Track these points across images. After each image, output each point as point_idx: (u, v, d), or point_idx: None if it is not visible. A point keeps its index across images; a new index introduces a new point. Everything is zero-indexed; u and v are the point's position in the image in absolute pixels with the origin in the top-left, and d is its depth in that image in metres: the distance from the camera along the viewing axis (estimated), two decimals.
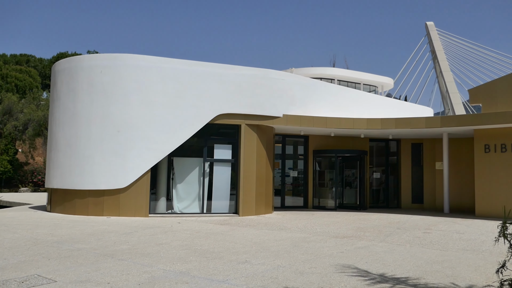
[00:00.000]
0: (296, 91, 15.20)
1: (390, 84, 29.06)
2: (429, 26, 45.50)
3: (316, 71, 25.90)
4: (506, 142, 14.37)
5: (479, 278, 6.01)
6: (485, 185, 14.69)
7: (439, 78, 43.92)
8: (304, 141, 17.73)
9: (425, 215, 15.10)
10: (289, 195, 18.13)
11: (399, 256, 7.53)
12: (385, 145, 19.01)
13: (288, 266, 6.51)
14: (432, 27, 45.34)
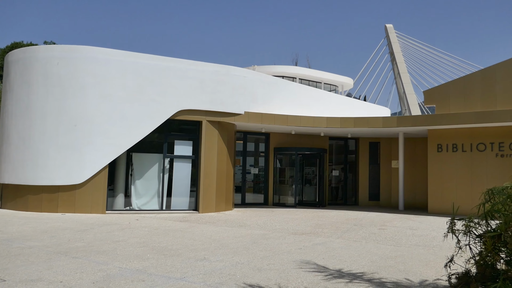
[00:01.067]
0: (258, 88, 15.26)
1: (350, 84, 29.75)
2: (388, 28, 46.74)
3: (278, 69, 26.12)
4: (457, 142, 15.01)
5: (430, 272, 6.25)
6: (437, 183, 15.29)
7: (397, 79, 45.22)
8: (265, 139, 17.83)
9: (381, 212, 15.55)
10: (249, 192, 18.20)
11: (355, 252, 7.72)
12: (344, 144, 19.42)
13: (246, 263, 6.54)
14: (391, 29, 46.60)
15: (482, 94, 14.69)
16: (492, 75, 14.66)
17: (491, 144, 14.42)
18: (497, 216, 4.90)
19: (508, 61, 14.48)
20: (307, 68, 28.76)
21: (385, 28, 47.10)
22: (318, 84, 26.75)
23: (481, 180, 14.09)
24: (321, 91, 19.25)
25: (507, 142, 14.15)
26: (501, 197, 4.82)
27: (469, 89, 14.98)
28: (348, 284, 5.48)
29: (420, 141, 17.70)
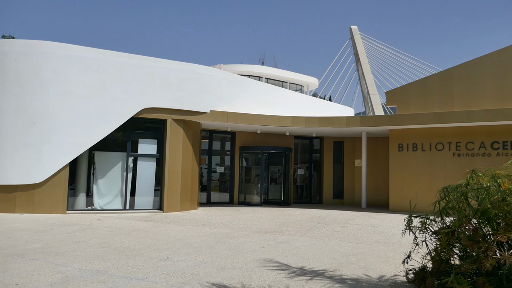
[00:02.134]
0: (224, 87, 15.23)
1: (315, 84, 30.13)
2: (353, 30, 47.61)
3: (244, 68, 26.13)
4: (417, 142, 15.49)
5: (389, 268, 6.43)
6: (398, 181, 15.73)
7: (361, 80, 46.15)
8: (231, 137, 17.82)
9: (344, 210, 15.84)
10: (215, 191, 18.15)
11: (318, 249, 7.84)
12: (309, 143, 19.66)
13: (210, 262, 6.52)
14: (356, 31, 47.50)
15: (440, 96, 15.21)
16: (449, 78, 15.20)
17: (448, 144, 14.96)
18: (452, 213, 5.10)
19: (464, 64, 15.05)
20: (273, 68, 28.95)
21: (350, 29, 47.98)
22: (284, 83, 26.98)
23: (439, 178, 14.60)
24: (287, 90, 19.40)
25: (463, 142, 14.72)
26: (455, 194, 5.01)
27: (428, 91, 15.48)
28: (310, 281, 5.56)
29: (382, 140, 18.14)
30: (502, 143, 14.14)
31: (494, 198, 4.67)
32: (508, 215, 4.47)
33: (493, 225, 4.61)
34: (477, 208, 4.71)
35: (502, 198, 4.62)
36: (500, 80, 14.35)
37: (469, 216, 4.80)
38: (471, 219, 4.82)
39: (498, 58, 14.50)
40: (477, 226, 4.77)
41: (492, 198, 4.67)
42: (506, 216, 4.49)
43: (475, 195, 4.87)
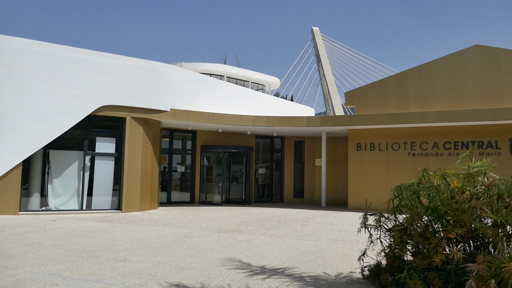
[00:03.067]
0: (185, 85, 15.09)
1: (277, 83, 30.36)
2: (314, 31, 48.28)
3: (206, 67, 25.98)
4: (374, 142, 15.92)
5: (346, 265, 6.58)
6: (356, 180, 16.11)
7: (322, 80, 46.87)
8: (192, 136, 17.68)
9: (304, 209, 16.06)
10: (176, 190, 17.96)
11: (278, 248, 7.91)
12: (271, 142, 19.79)
13: (168, 262, 6.45)
14: (317, 32, 48.19)
15: (397, 97, 15.71)
16: (405, 79, 15.72)
17: (404, 144, 15.47)
18: (405, 211, 5.28)
19: (419, 67, 15.60)
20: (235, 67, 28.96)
21: (312, 30, 48.63)
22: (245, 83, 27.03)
23: (396, 177, 15.07)
24: (248, 90, 19.45)
25: (418, 142, 15.26)
26: (407, 193, 5.20)
27: (385, 92, 15.94)
28: (268, 280, 5.61)
29: (342, 140, 18.52)
30: (453, 143, 14.77)
31: (444, 196, 4.88)
32: (456, 212, 4.68)
33: (442, 222, 4.81)
34: (428, 206, 4.90)
35: (451, 196, 4.83)
36: (452, 83, 14.97)
37: (421, 214, 4.99)
38: (422, 217, 5.01)
39: (450, 62, 15.12)
40: (428, 223, 4.97)
41: (442, 196, 4.87)
42: (455, 213, 4.70)
43: (426, 194, 5.07)
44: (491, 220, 4.41)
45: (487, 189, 4.70)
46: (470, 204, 4.62)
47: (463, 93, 14.80)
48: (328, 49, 47.16)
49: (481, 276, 3.85)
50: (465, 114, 13.81)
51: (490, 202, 4.55)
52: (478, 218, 4.55)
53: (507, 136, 14.09)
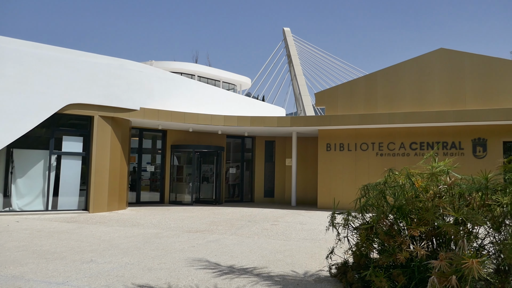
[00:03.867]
0: (155, 84, 14.91)
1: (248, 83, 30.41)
2: (286, 32, 48.54)
3: (177, 66, 25.75)
4: (344, 142, 16.17)
5: (314, 264, 6.66)
6: (326, 179, 16.31)
7: (293, 81, 47.17)
8: (162, 136, 17.49)
9: (274, 208, 16.14)
10: (145, 190, 17.72)
11: (247, 247, 7.93)
12: (241, 142, 19.80)
13: (136, 263, 6.37)
14: (288, 32, 48.47)
15: (365, 98, 16.00)
16: (374, 81, 16.03)
17: (372, 144, 15.78)
18: (371, 210, 5.39)
19: (387, 69, 15.95)
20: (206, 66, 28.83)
21: (283, 31, 48.88)
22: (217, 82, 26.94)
23: (364, 176, 15.35)
24: (219, 89, 19.40)
25: (385, 142, 15.59)
26: (374, 192, 5.31)
27: (354, 93, 16.21)
28: (237, 279, 5.62)
29: (312, 140, 18.71)
30: (419, 143, 15.17)
31: (409, 195, 5.01)
32: (420, 210, 4.81)
33: (407, 220, 4.94)
34: (393, 205, 5.02)
35: (415, 195, 4.97)
36: (418, 85, 15.38)
37: (386, 212, 5.11)
38: (388, 215, 5.13)
39: (416, 64, 15.53)
40: (393, 222, 5.09)
41: (407, 195, 5.01)
42: (419, 211, 4.83)
43: (392, 193, 5.20)
44: (453, 218, 4.56)
45: (449, 188, 4.85)
46: (433, 202, 4.76)
47: (428, 95, 15.22)
48: (299, 50, 47.53)
49: (443, 273, 3.97)
50: (430, 115, 14.21)
51: (452, 201, 4.71)
52: (441, 216, 4.69)
53: (470, 137, 14.58)
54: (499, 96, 14.36)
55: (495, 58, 14.72)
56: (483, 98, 14.55)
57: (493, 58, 14.73)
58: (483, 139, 14.43)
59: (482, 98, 14.55)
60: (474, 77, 14.74)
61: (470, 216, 4.36)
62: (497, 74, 14.49)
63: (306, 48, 46.95)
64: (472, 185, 4.73)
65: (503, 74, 14.41)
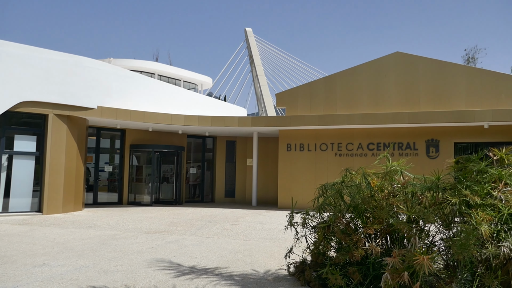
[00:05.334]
0: (113, 82, 14.57)
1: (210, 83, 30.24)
2: (248, 32, 48.62)
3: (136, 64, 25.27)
4: (304, 142, 16.39)
5: (273, 263, 6.72)
6: (286, 179, 16.48)
7: (255, 81, 47.30)
8: (121, 135, 17.11)
9: (235, 208, 16.14)
10: (103, 191, 17.28)
11: (207, 248, 7.90)
12: (202, 142, 19.68)
13: (92, 266, 6.20)
14: (250, 33, 48.57)
15: (325, 99, 16.29)
16: (333, 83, 16.35)
17: (331, 145, 16.08)
18: (329, 209, 5.50)
19: (345, 71, 16.30)
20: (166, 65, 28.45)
21: (245, 31, 48.95)
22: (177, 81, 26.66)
23: (323, 176, 15.61)
24: (180, 88, 19.19)
25: (344, 142, 15.93)
26: (331, 191, 5.42)
27: (314, 94, 16.47)
28: (197, 280, 5.59)
29: (272, 140, 18.85)
30: (376, 144, 15.60)
31: (365, 194, 5.15)
32: (375, 209, 4.95)
33: (363, 219, 5.08)
34: (350, 204, 5.14)
35: (371, 194, 5.11)
36: (375, 87, 15.81)
37: (343, 211, 5.23)
38: (344, 214, 5.25)
39: (373, 67, 15.96)
40: (349, 220, 5.22)
41: (363, 194, 5.14)
42: (374, 210, 4.97)
43: (349, 192, 5.32)
44: (406, 216, 4.72)
45: (403, 187, 5.01)
46: (388, 201, 4.91)
47: (385, 97, 15.68)
48: (261, 50, 47.71)
49: (396, 269, 4.10)
50: (387, 117, 14.65)
51: (406, 200, 4.87)
52: (395, 215, 4.85)
53: (424, 138, 15.14)
54: (451, 99, 14.98)
55: (447, 62, 15.35)
56: (436, 100, 15.14)
57: (445, 62, 15.37)
58: (436, 140, 15.02)
59: (435, 101, 15.14)
60: (427, 80, 15.32)
61: (422, 214, 4.53)
62: (449, 77, 15.11)
63: (268, 49, 47.20)
64: (424, 185, 4.92)
65: (455, 78, 15.05)
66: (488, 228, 4.07)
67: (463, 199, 4.42)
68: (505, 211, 4.21)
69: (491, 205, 4.33)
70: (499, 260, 4.14)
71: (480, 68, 15.65)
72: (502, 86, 14.55)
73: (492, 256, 4.08)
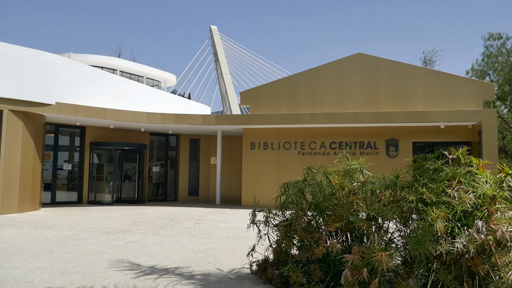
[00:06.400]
0: (73, 78, 14.14)
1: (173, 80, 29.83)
2: (213, 30, 48.33)
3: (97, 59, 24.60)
4: (267, 141, 16.46)
5: (236, 262, 6.71)
6: (250, 178, 16.51)
7: (220, 79, 47.08)
8: (81, 132, 16.63)
9: (198, 207, 16.02)
10: (62, 189, 16.73)
11: (169, 247, 7.80)
12: (165, 140, 19.42)
13: (48, 268, 6.00)
14: (215, 31, 48.31)
15: (288, 98, 16.42)
16: (296, 82, 16.50)
17: (294, 143, 16.24)
18: (291, 207, 5.54)
19: (309, 71, 16.49)
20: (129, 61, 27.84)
21: (210, 29, 48.64)
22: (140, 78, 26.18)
23: (287, 175, 15.73)
24: (143, 85, 18.85)
25: (307, 141, 16.12)
26: (294, 190, 5.46)
27: (278, 93, 16.57)
28: (158, 280, 5.51)
29: (237, 139, 18.84)
30: (338, 143, 15.88)
31: (326, 192, 5.22)
32: (336, 207, 5.03)
33: (324, 217, 5.15)
34: (311, 202, 5.20)
35: (332, 192, 5.19)
36: (338, 87, 16.08)
37: (305, 210, 5.29)
38: (306, 212, 5.31)
39: (336, 67, 16.22)
40: (311, 218, 5.28)
41: (324, 193, 5.21)
42: (335, 208, 5.05)
43: (310, 190, 5.39)
44: (366, 214, 4.82)
45: (362, 186, 5.12)
46: (348, 199, 5.01)
47: (347, 97, 15.97)
48: (226, 49, 47.54)
49: (355, 266, 4.18)
50: (349, 116, 14.93)
51: (365, 197, 4.98)
52: (355, 212, 4.94)
53: (384, 137, 15.53)
54: (410, 100, 15.44)
55: (406, 64, 15.81)
56: (395, 101, 15.56)
57: (404, 64, 15.82)
58: (395, 140, 15.44)
59: (395, 101, 15.56)
60: (388, 81, 15.72)
61: (381, 212, 4.64)
62: (408, 79, 15.56)
63: (233, 47, 47.09)
64: (383, 183, 5.04)
65: (413, 79, 15.52)
66: (442, 224, 4.22)
67: (420, 197, 4.57)
68: (459, 208, 4.38)
69: (446, 203, 4.49)
70: (453, 256, 4.30)
71: (437, 71, 16.19)
72: (458, 88, 15.12)
73: (446, 252, 4.23)
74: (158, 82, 28.48)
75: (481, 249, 4.23)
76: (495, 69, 24.13)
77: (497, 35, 24.06)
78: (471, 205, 4.42)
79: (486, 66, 24.60)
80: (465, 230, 4.39)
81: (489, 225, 4.24)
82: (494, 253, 4.16)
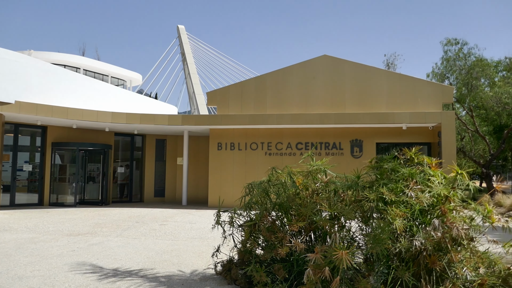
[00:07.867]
0: (33, 76, 13.72)
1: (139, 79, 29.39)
2: (180, 29, 47.89)
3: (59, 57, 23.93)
4: (234, 141, 16.47)
5: (201, 263, 6.68)
6: (216, 178, 16.46)
7: (187, 79, 46.71)
8: (42, 132, 16.12)
9: (165, 208, 15.83)
10: (23, 191, 16.16)
11: (133, 249, 7.68)
12: (131, 140, 19.10)
13: (5, 272, 5.79)
14: (183, 30, 47.89)
15: (255, 99, 16.48)
16: (263, 83, 16.58)
17: (262, 144, 16.31)
18: (255, 207, 5.57)
19: (276, 72, 16.61)
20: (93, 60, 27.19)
21: (178, 28, 48.17)
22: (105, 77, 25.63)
23: (253, 175, 15.75)
24: (108, 84, 18.49)
25: (274, 142, 16.23)
26: (258, 190, 5.49)
27: (245, 94, 16.61)
28: (120, 282, 5.42)
29: (203, 139, 18.75)
30: (304, 143, 16.07)
31: (290, 192, 5.28)
32: (300, 207, 5.09)
33: (288, 217, 5.20)
34: (275, 202, 5.25)
35: (296, 192, 5.25)
36: (304, 88, 16.27)
37: (269, 209, 5.32)
38: (271, 212, 5.35)
39: (302, 68, 16.41)
40: (275, 218, 5.32)
41: (288, 193, 5.26)
42: (299, 208, 5.11)
43: (275, 190, 5.43)
44: (328, 213, 4.90)
45: (325, 186, 5.21)
46: (312, 199, 5.08)
47: (313, 98, 16.18)
48: (194, 48, 47.22)
49: (318, 265, 4.25)
50: (314, 117, 15.13)
51: (328, 197, 5.07)
52: (318, 212, 5.02)
53: (349, 138, 15.82)
54: (373, 101, 15.80)
55: (370, 67, 16.17)
56: (360, 102, 15.88)
57: (369, 66, 16.17)
58: (360, 140, 15.76)
59: (359, 103, 15.88)
60: (352, 83, 16.03)
61: (343, 211, 4.73)
62: (372, 81, 15.93)
63: (201, 47, 46.82)
64: (345, 183, 5.14)
65: (377, 81, 15.89)
66: (401, 223, 4.35)
67: (380, 196, 4.69)
68: (416, 207, 4.52)
69: (405, 202, 4.63)
70: (411, 253, 4.44)
71: (400, 73, 16.63)
72: (419, 90, 15.59)
73: (405, 249, 4.36)
74: (124, 82, 28.00)
75: (438, 247, 4.39)
76: (453, 72, 24.99)
77: (454, 40, 24.92)
78: (428, 204, 4.58)
79: (445, 69, 25.43)
80: (423, 228, 4.54)
81: (446, 223, 4.40)
82: (450, 250, 4.32)
